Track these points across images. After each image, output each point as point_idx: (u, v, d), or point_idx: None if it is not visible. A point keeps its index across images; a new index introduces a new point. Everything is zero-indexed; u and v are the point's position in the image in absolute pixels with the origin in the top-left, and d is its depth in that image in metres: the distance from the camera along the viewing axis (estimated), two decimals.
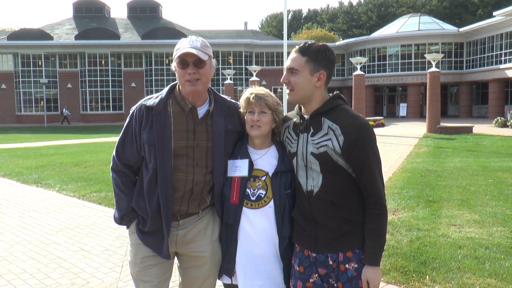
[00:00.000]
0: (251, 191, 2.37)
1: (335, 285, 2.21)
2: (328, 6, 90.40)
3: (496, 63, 35.25)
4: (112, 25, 48.66)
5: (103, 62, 43.95)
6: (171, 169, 2.33)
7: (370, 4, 68.17)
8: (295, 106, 2.38)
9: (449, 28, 42.22)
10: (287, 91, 2.26)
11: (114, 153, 2.46)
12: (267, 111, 2.37)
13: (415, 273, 4.27)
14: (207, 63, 2.33)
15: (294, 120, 2.36)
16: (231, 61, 44.52)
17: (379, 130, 24.30)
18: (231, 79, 32.74)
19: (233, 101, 2.55)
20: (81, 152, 16.10)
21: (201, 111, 2.39)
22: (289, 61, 2.23)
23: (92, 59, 43.83)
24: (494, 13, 33.67)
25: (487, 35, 36.65)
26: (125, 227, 2.53)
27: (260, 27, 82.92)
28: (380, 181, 2.16)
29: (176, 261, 2.58)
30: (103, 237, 5.74)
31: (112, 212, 6.38)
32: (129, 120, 2.42)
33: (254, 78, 29.57)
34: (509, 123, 25.44)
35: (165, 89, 2.43)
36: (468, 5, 59.61)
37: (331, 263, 2.21)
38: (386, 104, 47.32)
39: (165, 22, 50.71)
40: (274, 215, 2.35)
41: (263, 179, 2.37)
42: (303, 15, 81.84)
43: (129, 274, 2.58)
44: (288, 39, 21.32)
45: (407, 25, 43.05)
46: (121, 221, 2.49)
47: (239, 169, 2.39)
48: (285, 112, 2.51)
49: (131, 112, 2.44)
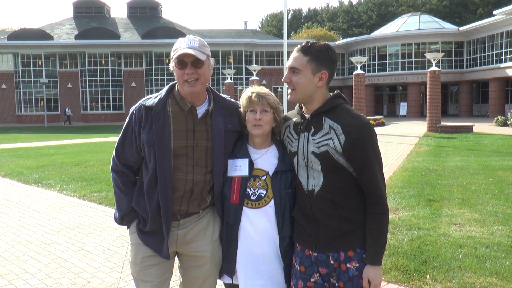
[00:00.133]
0: (251, 190, 2.36)
1: (336, 285, 2.20)
2: (328, 5, 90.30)
3: (496, 62, 35.24)
4: (112, 25, 48.67)
5: (103, 62, 43.97)
6: (171, 169, 2.32)
7: (370, 3, 68.15)
8: (296, 105, 2.38)
9: (449, 27, 42.20)
10: (289, 91, 2.24)
11: (114, 153, 2.46)
12: (268, 110, 2.36)
13: (416, 272, 4.27)
14: (205, 62, 2.32)
15: (294, 119, 2.35)
16: (231, 60, 44.52)
17: (379, 129, 24.29)
18: (231, 78, 32.73)
19: (233, 100, 2.54)
20: (82, 152, 16.11)
21: (201, 110, 2.39)
22: (291, 60, 2.21)
23: (92, 59, 43.86)
24: (494, 12, 33.67)
25: (487, 34, 36.63)
26: (126, 227, 2.53)
27: (260, 26, 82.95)
28: (381, 180, 2.16)
29: (176, 260, 2.58)
30: (103, 237, 5.74)
31: (112, 212, 6.39)
32: (128, 120, 2.42)
33: (254, 77, 29.56)
34: (510, 122, 25.42)
35: (164, 89, 2.42)
36: (468, 4, 59.59)
37: (332, 262, 2.21)
38: (386, 103, 47.33)
39: (165, 21, 50.72)
40: (274, 214, 2.34)
41: (263, 178, 2.37)
42: (303, 15, 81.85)
43: (130, 274, 2.58)
44: (288, 39, 21.30)
45: (407, 24, 43.03)
46: (121, 221, 2.48)
47: (239, 168, 2.39)
48: (285, 111, 2.50)
49: (130, 112, 2.43)
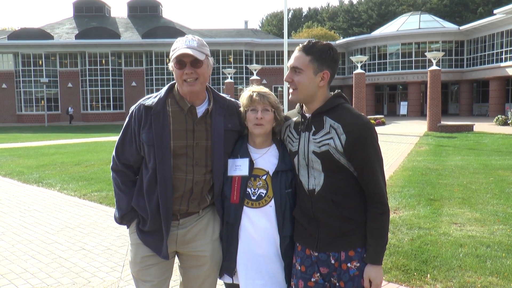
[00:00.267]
0: (251, 190, 2.36)
1: (337, 284, 2.20)
2: (328, 4, 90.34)
3: (496, 61, 35.22)
4: (112, 25, 48.66)
5: (103, 61, 43.98)
6: (171, 168, 2.32)
7: (370, 2, 68.14)
8: (296, 104, 2.37)
9: (450, 26, 42.17)
10: (290, 90, 2.23)
11: (113, 153, 2.46)
12: (269, 109, 2.36)
13: (416, 271, 4.27)
14: (204, 62, 2.31)
15: (295, 119, 2.34)
16: (232, 60, 44.51)
17: (379, 128, 24.29)
18: (231, 78, 32.73)
19: (233, 100, 2.54)
20: (82, 151, 16.11)
21: (200, 110, 2.38)
22: (292, 60, 2.20)
23: (92, 58, 43.87)
24: (494, 11, 33.66)
25: (488, 33, 36.61)
26: (126, 226, 2.53)
27: (260, 26, 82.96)
28: (382, 180, 2.15)
29: (176, 260, 2.57)
30: (104, 237, 5.74)
31: (113, 211, 6.39)
32: (128, 119, 2.42)
33: (254, 77, 29.56)
34: (510, 121, 25.41)
35: (164, 89, 2.42)
36: (468, 3, 59.56)
37: (333, 262, 2.20)
38: (386, 102, 47.32)
39: (165, 21, 50.70)
40: (275, 214, 2.34)
41: (264, 178, 2.36)
42: (304, 14, 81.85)
43: (130, 273, 2.58)
44: (288, 38, 21.30)
45: (407, 23, 43.01)
46: (121, 220, 2.48)
47: (239, 168, 2.38)
48: (285, 111, 2.49)
49: (130, 111, 2.43)
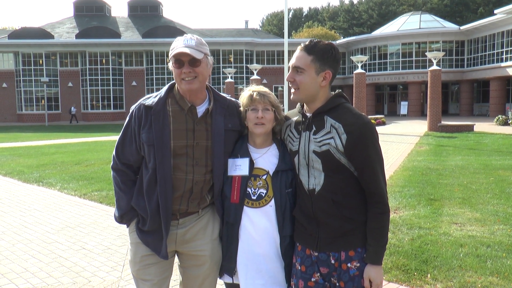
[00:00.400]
0: (251, 190, 2.36)
1: (337, 284, 2.20)
2: (329, 4, 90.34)
3: (497, 61, 35.20)
4: (112, 24, 48.66)
5: (104, 60, 43.98)
6: (171, 168, 2.32)
7: (371, 2, 68.11)
8: (297, 104, 2.37)
9: (450, 26, 42.16)
10: (292, 90, 2.22)
11: (114, 153, 2.46)
12: (270, 109, 2.36)
13: (417, 271, 4.27)
14: (203, 61, 2.31)
15: (295, 118, 2.34)
16: (232, 59, 44.51)
17: (380, 128, 24.28)
18: (231, 77, 32.72)
19: (233, 99, 2.53)
20: (82, 151, 16.11)
21: (200, 110, 2.38)
22: (294, 59, 2.19)
23: (93, 57, 43.88)
24: (495, 11, 33.64)
25: (488, 33, 36.59)
26: (125, 225, 2.53)
27: (260, 25, 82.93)
28: (382, 180, 2.15)
29: (176, 259, 2.57)
30: (104, 236, 5.74)
31: (113, 211, 6.39)
32: (128, 119, 2.42)
33: (255, 76, 29.55)
34: (510, 121, 25.40)
35: (164, 88, 2.41)
36: (469, 3, 59.54)
37: (333, 262, 2.20)
38: (387, 102, 47.31)
39: (165, 20, 50.70)
40: (275, 214, 2.33)
41: (264, 178, 2.36)
42: (304, 14, 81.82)
43: (130, 273, 2.58)
44: (289, 38, 21.30)
45: (408, 23, 43.00)
46: (121, 219, 2.48)
47: (239, 168, 2.38)
48: (286, 110, 2.49)
49: (130, 111, 2.43)
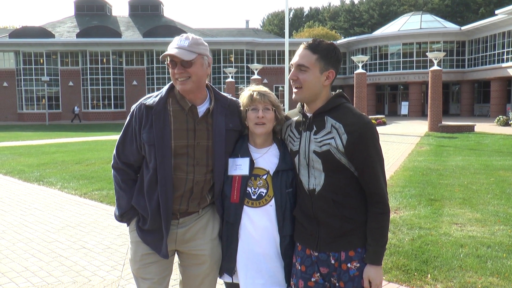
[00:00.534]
0: (252, 189, 2.35)
1: (337, 284, 2.20)
2: (329, 4, 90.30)
3: (498, 62, 35.17)
4: (113, 23, 48.67)
5: (104, 60, 44.00)
6: (171, 169, 2.31)
7: (371, 2, 68.08)
8: (297, 104, 2.36)
9: (451, 26, 42.13)
10: (294, 90, 2.21)
11: (114, 152, 2.46)
12: (270, 108, 2.35)
13: (417, 271, 4.27)
14: (196, 61, 2.28)
15: (296, 118, 2.34)
16: (233, 59, 44.51)
17: (380, 128, 24.27)
18: (232, 77, 32.71)
19: (234, 99, 2.53)
20: (83, 150, 16.11)
21: (201, 109, 2.37)
22: (298, 58, 2.17)
23: (93, 57, 43.88)
24: (496, 12, 33.60)
25: (489, 33, 36.56)
26: (126, 224, 2.53)
27: (261, 25, 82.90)
28: (382, 180, 2.15)
29: (176, 259, 2.58)
30: (104, 235, 5.74)
31: (113, 210, 6.39)
32: (129, 119, 2.41)
33: (255, 76, 29.54)
34: (511, 122, 25.38)
35: (165, 88, 2.41)
36: (470, 3, 59.49)
37: (333, 262, 2.20)
38: (387, 102, 47.28)
39: (166, 20, 50.71)
40: (275, 214, 2.33)
41: (264, 177, 2.36)
42: (305, 14, 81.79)
43: (131, 272, 2.58)
44: (289, 38, 21.29)
45: (408, 23, 42.96)
46: (121, 218, 2.49)
47: (239, 167, 2.38)
48: (286, 110, 2.49)
49: (131, 111, 2.43)
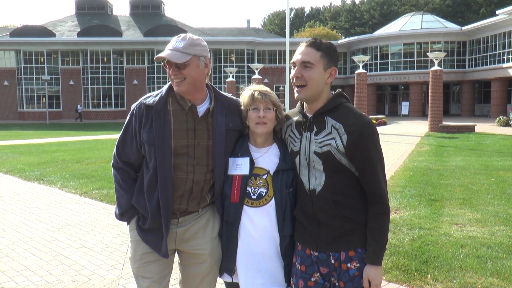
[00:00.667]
0: (252, 189, 2.35)
1: (337, 284, 2.20)
2: (330, 4, 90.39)
3: (498, 62, 35.16)
4: (114, 23, 48.67)
5: (105, 59, 44.00)
6: (171, 168, 2.31)
7: (372, 2, 68.05)
8: (297, 104, 2.36)
9: (452, 26, 42.11)
10: (296, 88, 2.19)
11: (114, 151, 2.46)
12: (271, 108, 2.35)
13: (417, 271, 4.27)
14: (191, 63, 2.26)
15: (296, 118, 2.33)
16: (233, 59, 44.51)
17: (381, 128, 24.26)
18: (233, 77, 32.73)
19: (234, 98, 2.52)
20: (83, 149, 16.12)
21: (201, 109, 2.37)
22: (302, 55, 2.16)
23: (94, 56, 43.89)
24: (497, 12, 33.58)
25: (490, 33, 36.54)
26: (126, 223, 2.53)
27: (262, 25, 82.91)
28: (383, 180, 2.15)
29: (176, 258, 2.58)
30: (104, 234, 5.74)
31: (113, 209, 6.39)
32: (129, 118, 2.41)
33: (256, 76, 29.55)
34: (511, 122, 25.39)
35: (165, 87, 2.40)
36: (471, 3, 59.44)
37: (333, 262, 2.20)
38: (388, 102, 47.27)
39: (167, 19, 50.70)
40: (275, 213, 2.33)
41: (264, 177, 2.35)
42: (306, 13, 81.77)
43: (131, 271, 2.58)
44: (290, 37, 21.28)
45: (409, 23, 42.94)
46: (121, 217, 2.49)
47: (240, 167, 2.37)
48: (287, 110, 2.49)
49: (131, 110, 2.42)
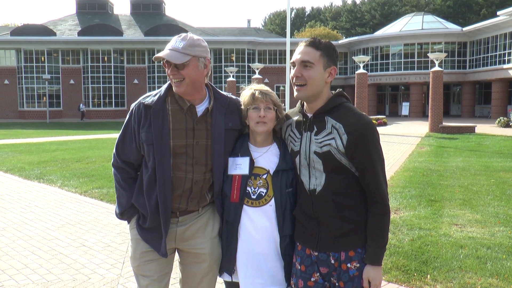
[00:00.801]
0: (251, 189, 2.35)
1: (337, 284, 2.20)
2: (331, 4, 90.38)
3: (499, 63, 35.15)
4: (115, 22, 48.67)
5: (105, 58, 43.99)
6: (170, 168, 2.31)
7: (373, 2, 68.03)
8: (297, 103, 2.36)
9: (453, 27, 42.09)
10: (296, 87, 2.18)
11: (114, 150, 2.46)
12: (272, 107, 2.34)
13: (417, 272, 4.27)
14: (190, 63, 2.25)
15: (296, 118, 2.33)
16: (234, 58, 44.50)
17: (381, 129, 24.25)
18: (233, 76, 32.72)
19: (234, 97, 2.51)
20: (83, 148, 16.12)
21: (200, 109, 2.36)
22: (301, 54, 2.16)
23: (94, 55, 43.89)
24: (498, 13, 33.58)
25: (491, 34, 36.53)
26: (126, 222, 2.53)
27: (263, 24, 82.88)
28: (383, 181, 2.14)
29: (177, 257, 2.58)
30: (104, 233, 5.75)
31: (113, 208, 6.39)
32: (128, 117, 2.41)
33: (256, 75, 29.54)
34: None
35: (164, 86, 2.39)
36: (472, 4, 59.43)
37: (332, 262, 2.20)
38: (388, 103, 47.25)
39: (168, 19, 50.69)
40: (275, 213, 2.33)
41: (264, 177, 2.35)
42: (307, 13, 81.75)
43: (130, 270, 2.59)
44: (291, 37, 21.28)
45: (410, 24, 42.93)
46: (121, 216, 2.49)
47: (239, 167, 2.37)
48: (287, 110, 2.48)
49: (130, 109, 2.42)
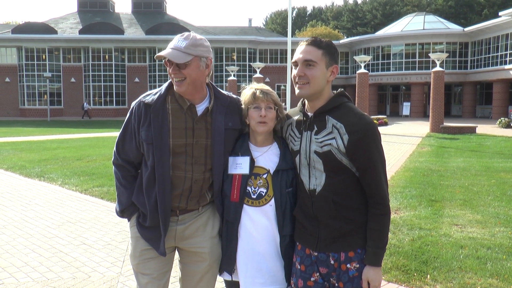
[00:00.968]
0: (252, 189, 2.35)
1: (336, 285, 2.20)
2: (333, 4, 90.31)
3: (501, 64, 35.11)
4: (116, 20, 48.68)
5: (107, 57, 44.01)
6: (169, 167, 2.31)
7: (375, 2, 67.96)
8: (298, 103, 2.36)
9: (454, 27, 42.05)
10: (297, 86, 2.18)
11: (115, 148, 2.47)
12: (272, 107, 2.34)
13: (417, 272, 4.27)
14: (192, 63, 2.25)
15: (296, 117, 2.33)
16: (235, 57, 44.51)
17: (382, 129, 24.24)
18: (234, 75, 32.72)
19: (234, 97, 2.51)
20: (84, 146, 16.13)
21: (200, 108, 2.36)
22: (303, 54, 2.15)
23: (96, 53, 43.91)
24: (500, 13, 33.53)
25: (492, 35, 36.49)
26: (126, 220, 2.54)
27: (264, 24, 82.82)
28: (384, 181, 2.14)
29: (177, 256, 2.58)
30: (105, 232, 5.75)
31: (114, 206, 6.40)
32: (128, 116, 2.41)
33: (257, 75, 29.54)
34: None
35: (164, 85, 2.39)
36: (473, 4, 59.34)
37: (332, 262, 2.20)
38: (389, 103, 47.24)
39: (169, 17, 50.70)
40: (275, 213, 2.33)
41: (264, 177, 2.35)
42: (308, 13, 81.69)
43: (131, 269, 2.59)
44: (292, 37, 21.26)
45: (412, 24, 42.90)
46: (122, 214, 2.50)
47: (240, 166, 2.37)
48: (288, 109, 2.48)
49: (131, 107, 2.42)
